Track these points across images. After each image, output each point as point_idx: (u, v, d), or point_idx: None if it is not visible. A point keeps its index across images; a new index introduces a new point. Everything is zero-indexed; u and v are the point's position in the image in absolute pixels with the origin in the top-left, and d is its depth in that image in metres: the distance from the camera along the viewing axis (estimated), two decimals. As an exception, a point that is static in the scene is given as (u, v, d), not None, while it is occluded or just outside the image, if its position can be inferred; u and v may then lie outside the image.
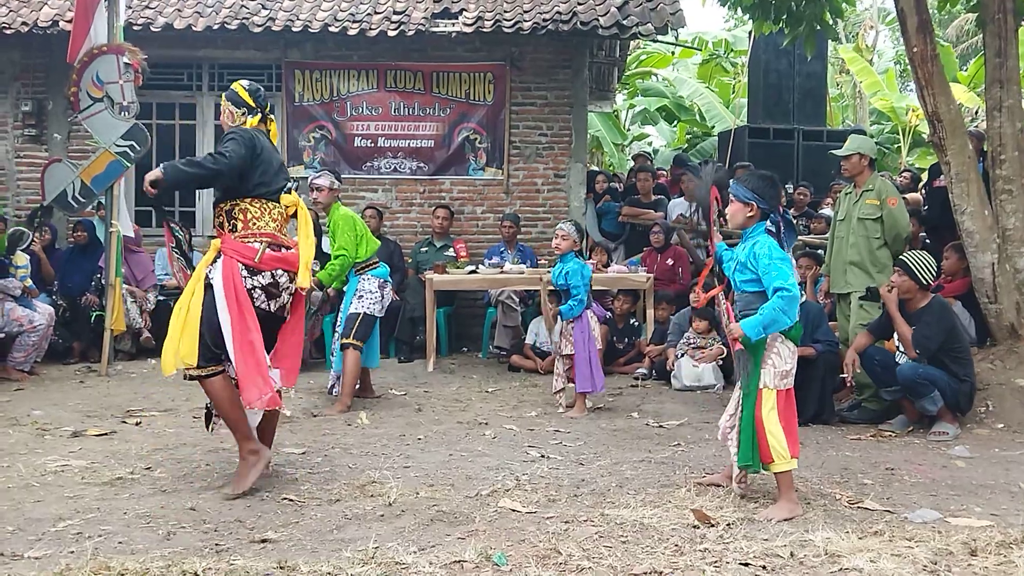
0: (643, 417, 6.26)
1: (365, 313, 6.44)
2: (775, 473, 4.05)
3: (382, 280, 6.55)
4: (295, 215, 4.53)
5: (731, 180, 4.34)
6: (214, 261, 4.34)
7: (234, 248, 4.31)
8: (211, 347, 4.25)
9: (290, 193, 4.49)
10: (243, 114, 4.50)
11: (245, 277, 4.28)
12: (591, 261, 8.17)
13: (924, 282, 5.82)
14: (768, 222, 4.19)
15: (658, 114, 19.65)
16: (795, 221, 9.62)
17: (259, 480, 4.31)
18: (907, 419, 5.92)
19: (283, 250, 4.42)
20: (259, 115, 4.53)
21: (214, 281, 4.27)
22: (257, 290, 4.32)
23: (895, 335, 5.99)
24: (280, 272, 4.36)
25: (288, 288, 4.42)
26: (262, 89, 4.63)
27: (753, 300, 4.11)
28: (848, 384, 6.10)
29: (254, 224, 4.36)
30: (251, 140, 4.34)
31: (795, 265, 7.24)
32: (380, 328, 8.62)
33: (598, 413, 6.37)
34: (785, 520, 3.87)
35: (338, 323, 6.64)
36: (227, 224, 4.37)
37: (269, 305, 4.38)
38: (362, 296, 6.47)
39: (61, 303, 8.24)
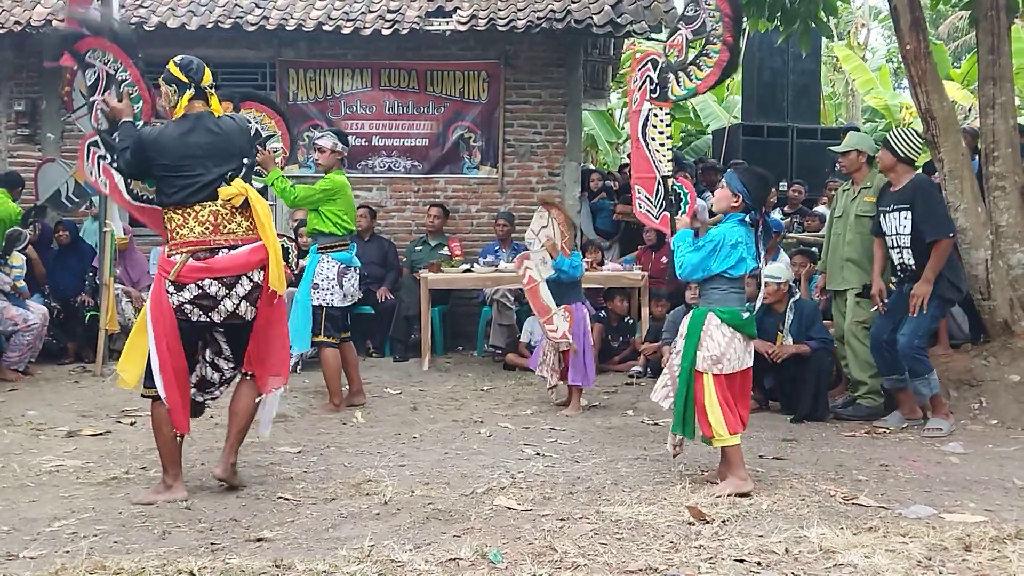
0: (638, 415, 6.26)
1: (329, 306, 6.13)
2: (722, 448, 4.29)
3: (343, 266, 6.16)
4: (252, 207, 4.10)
5: (728, 169, 4.56)
6: None
7: (160, 264, 4.10)
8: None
9: (230, 183, 4.04)
10: (174, 92, 4.10)
11: (172, 294, 4.00)
12: (586, 260, 8.17)
13: (902, 155, 5.83)
14: (747, 217, 4.38)
15: (652, 112, 19.61)
16: (789, 219, 9.67)
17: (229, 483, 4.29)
18: (902, 415, 5.94)
19: (218, 253, 4.04)
20: (191, 89, 4.09)
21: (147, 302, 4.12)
22: (187, 305, 4.02)
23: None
24: (208, 282, 4.00)
25: (230, 295, 4.05)
26: (197, 61, 4.18)
27: (706, 284, 4.37)
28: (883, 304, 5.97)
29: (178, 234, 4.05)
30: (139, 147, 4.08)
31: (790, 262, 7.30)
32: (375, 327, 8.69)
33: (593, 411, 6.37)
34: (734, 495, 4.11)
35: (294, 303, 6.23)
36: (165, 235, 4.14)
37: (210, 316, 4.05)
38: (318, 285, 6.11)
39: (54, 304, 8.21)
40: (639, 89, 5.96)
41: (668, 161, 5.91)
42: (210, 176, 4.05)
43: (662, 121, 5.88)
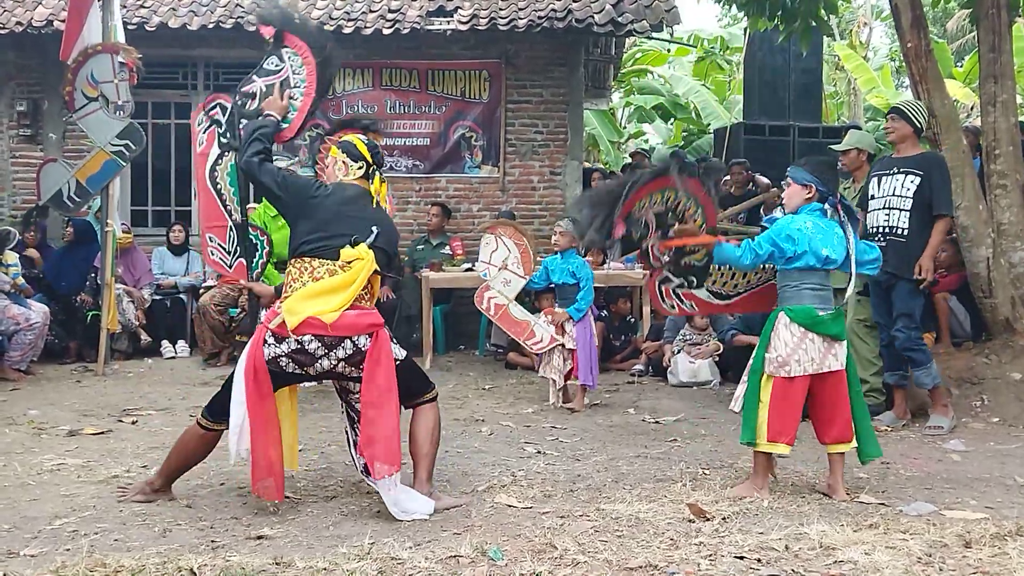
0: (639, 413, 6.27)
1: None
2: (754, 451, 4.18)
3: None
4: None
5: (790, 168, 4.37)
6: None
7: (266, 316, 3.99)
8: (223, 406, 3.97)
9: (356, 245, 3.90)
10: (356, 166, 4.12)
11: (268, 344, 3.84)
12: (587, 259, 8.16)
13: (920, 125, 5.87)
14: (827, 204, 4.23)
15: (654, 112, 19.63)
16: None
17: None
18: (895, 416, 5.93)
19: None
20: (371, 168, 4.14)
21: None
22: (283, 359, 3.84)
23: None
24: (308, 338, 3.79)
25: (328, 355, 3.84)
26: (378, 147, 4.27)
27: (779, 278, 4.24)
28: None
29: (291, 288, 3.91)
30: (299, 192, 4.02)
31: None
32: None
33: (595, 409, 6.38)
34: (741, 498, 4.04)
35: None
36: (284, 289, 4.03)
37: (306, 371, 3.89)
38: None
39: (53, 303, 8.22)
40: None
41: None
42: (338, 238, 3.93)
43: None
